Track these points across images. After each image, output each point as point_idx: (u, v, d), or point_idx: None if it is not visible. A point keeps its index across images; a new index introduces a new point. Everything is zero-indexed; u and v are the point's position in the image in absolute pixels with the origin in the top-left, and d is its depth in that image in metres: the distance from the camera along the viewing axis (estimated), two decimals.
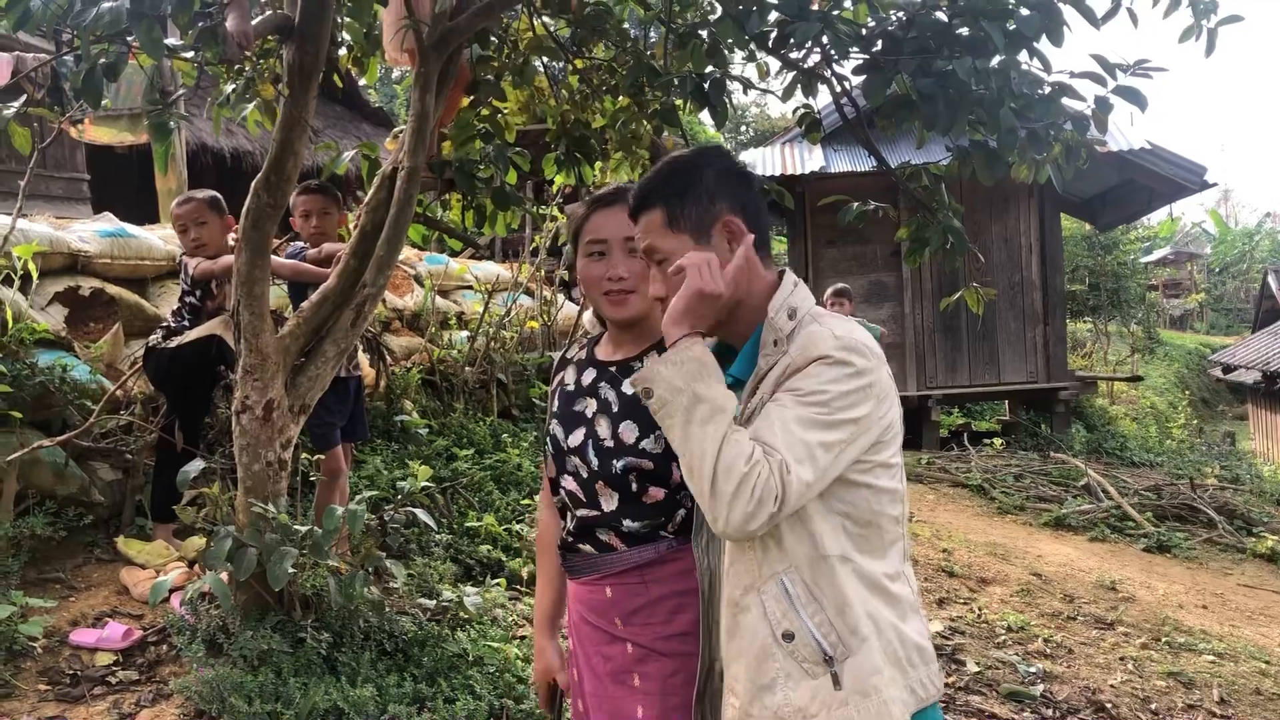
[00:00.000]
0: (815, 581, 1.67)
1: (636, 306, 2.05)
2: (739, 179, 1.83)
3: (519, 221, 4.76)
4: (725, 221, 1.77)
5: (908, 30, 3.29)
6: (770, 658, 1.69)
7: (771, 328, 1.73)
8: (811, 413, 1.61)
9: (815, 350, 1.64)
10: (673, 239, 1.77)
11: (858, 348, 1.66)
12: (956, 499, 9.52)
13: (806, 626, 1.66)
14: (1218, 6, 3.46)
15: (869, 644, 1.66)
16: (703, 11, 4.19)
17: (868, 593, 1.69)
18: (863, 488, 1.68)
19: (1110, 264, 20.37)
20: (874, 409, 1.66)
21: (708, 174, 1.80)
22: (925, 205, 3.88)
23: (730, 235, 1.77)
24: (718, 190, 1.79)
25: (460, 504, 5.47)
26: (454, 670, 3.72)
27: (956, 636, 5.34)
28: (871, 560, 1.70)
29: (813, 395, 1.62)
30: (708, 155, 1.85)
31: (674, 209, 1.77)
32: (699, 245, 1.76)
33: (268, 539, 3.38)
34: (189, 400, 4.40)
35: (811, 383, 1.63)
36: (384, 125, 14.50)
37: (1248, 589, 7.49)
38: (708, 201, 1.78)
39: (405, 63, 4.00)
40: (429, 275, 7.61)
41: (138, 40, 2.34)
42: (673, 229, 1.77)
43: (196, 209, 4.33)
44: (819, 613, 1.67)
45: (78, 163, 9.90)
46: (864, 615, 1.67)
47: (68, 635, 3.74)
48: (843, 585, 1.67)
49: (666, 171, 1.83)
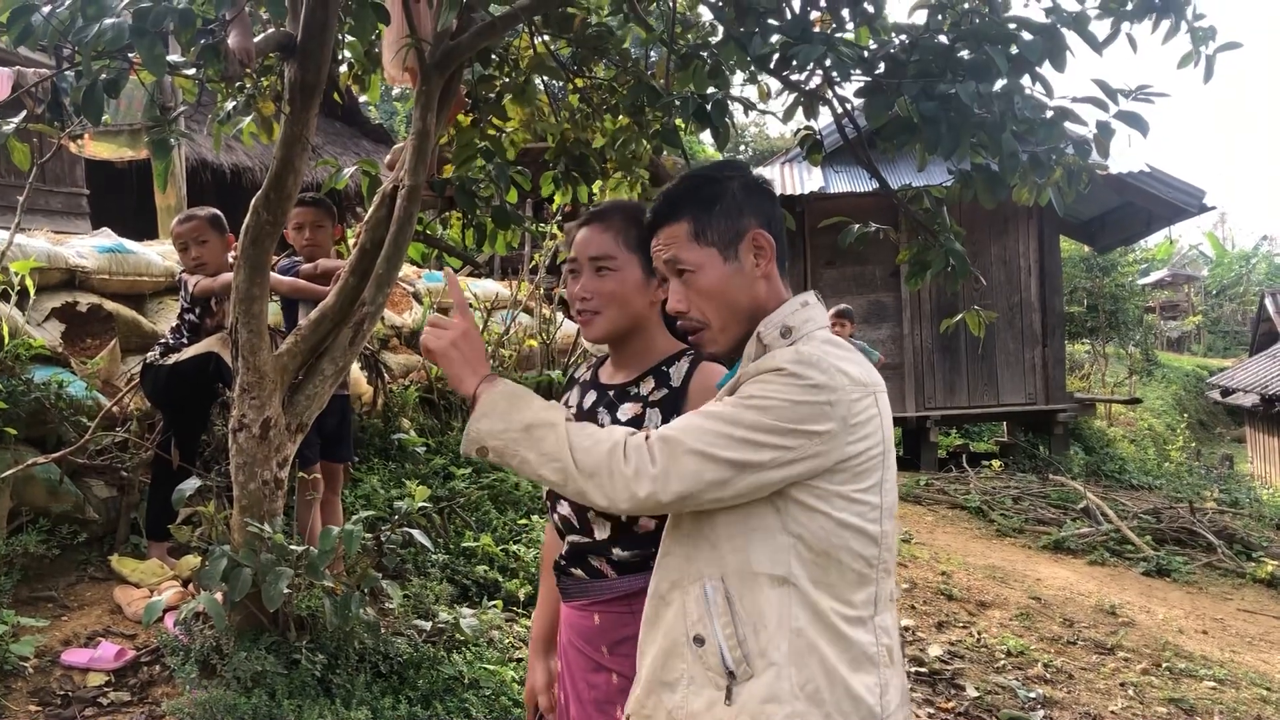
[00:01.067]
0: (740, 594, 1.61)
1: (601, 327, 2.03)
2: (764, 193, 1.79)
3: (518, 240, 4.75)
4: (754, 235, 1.73)
5: (910, 53, 3.29)
6: (679, 656, 1.66)
7: (756, 341, 1.69)
8: (739, 411, 1.58)
9: (769, 363, 1.61)
10: (699, 251, 1.72)
11: (820, 364, 1.58)
12: (955, 521, 9.49)
13: (717, 635, 1.61)
14: (1216, 33, 3.46)
15: (779, 671, 1.58)
16: (704, 33, 4.19)
17: (807, 624, 1.59)
18: (819, 514, 1.59)
19: (1108, 286, 20.39)
20: (835, 431, 1.57)
21: (735, 186, 1.75)
22: (927, 228, 3.87)
23: (757, 249, 1.73)
24: (745, 203, 1.74)
25: (457, 524, 5.44)
26: (450, 693, 3.69)
27: (956, 660, 5.30)
28: (826, 594, 1.60)
29: (751, 399, 1.58)
30: (732, 168, 1.80)
31: (701, 221, 1.73)
32: (725, 259, 1.72)
33: (263, 559, 3.34)
34: (186, 418, 4.38)
35: (755, 388, 1.59)
36: (384, 142, 14.54)
37: (1248, 614, 7.46)
38: (736, 214, 1.73)
39: (405, 81, 4.00)
40: (428, 293, 7.60)
41: (139, 56, 2.33)
42: (699, 241, 1.73)
43: (197, 227, 4.32)
44: (730, 625, 1.61)
45: (77, 178, 9.89)
46: (785, 642, 1.58)
47: (60, 655, 3.70)
48: (769, 606, 1.59)
49: (693, 183, 1.78)
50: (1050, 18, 3.16)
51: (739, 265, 1.72)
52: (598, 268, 2.01)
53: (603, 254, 2.01)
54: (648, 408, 1.99)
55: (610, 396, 2.07)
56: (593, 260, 2.02)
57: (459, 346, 1.75)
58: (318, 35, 3.38)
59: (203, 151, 10.77)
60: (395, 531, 4.30)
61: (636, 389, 2.03)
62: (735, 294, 1.72)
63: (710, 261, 1.72)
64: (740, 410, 1.58)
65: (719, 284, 1.72)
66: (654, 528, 1.95)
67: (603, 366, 2.17)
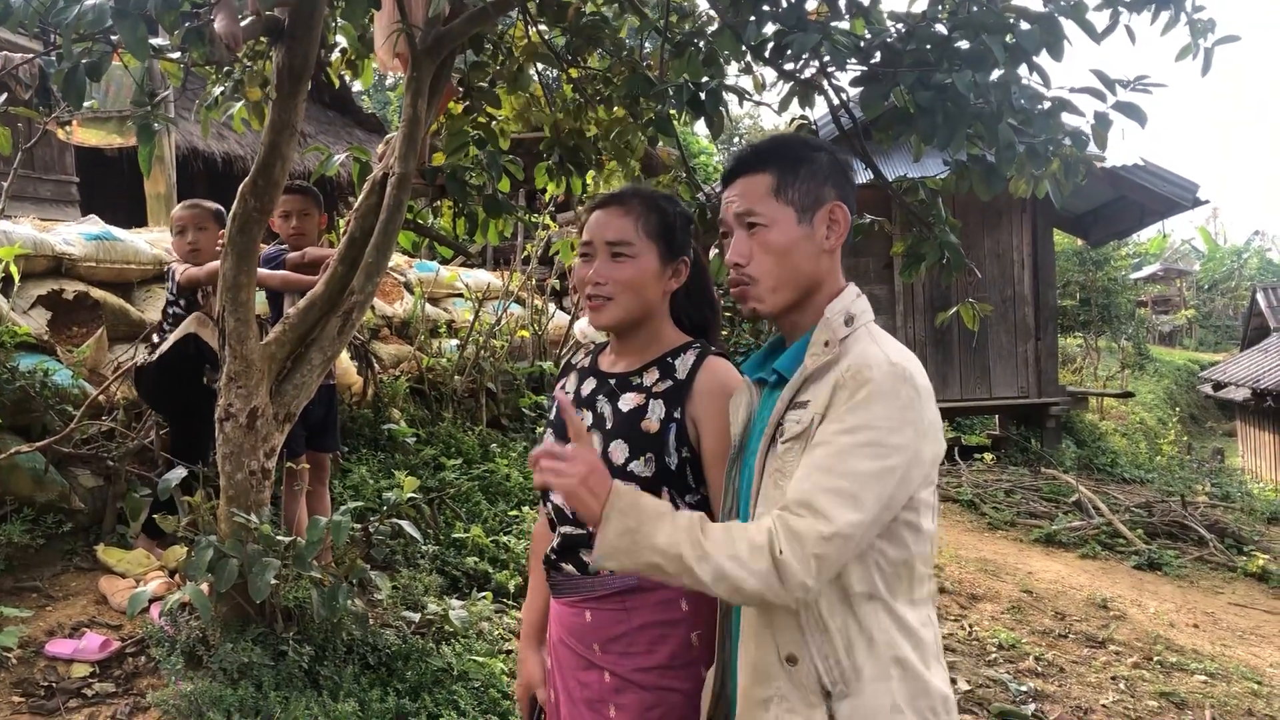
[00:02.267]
0: (831, 614, 1.59)
1: (613, 314, 1.98)
2: (847, 174, 1.77)
3: (511, 229, 4.71)
4: (833, 207, 1.71)
5: (907, 42, 3.26)
6: (771, 677, 1.63)
7: (826, 327, 1.65)
8: (852, 462, 1.52)
9: (867, 372, 1.56)
10: (776, 208, 1.69)
11: (911, 376, 1.58)
12: (947, 514, 9.48)
13: (810, 655, 1.59)
14: (1215, 26, 3.44)
15: (878, 687, 1.58)
16: (700, 22, 4.15)
17: (895, 634, 1.60)
18: (900, 524, 1.60)
19: (1101, 280, 20.38)
20: (925, 442, 1.57)
21: (823, 157, 1.73)
22: (922, 220, 3.84)
23: (833, 221, 1.71)
24: (831, 175, 1.72)
25: (447, 515, 5.40)
26: (438, 685, 3.66)
27: (947, 653, 5.27)
28: (902, 602, 1.62)
29: (858, 434, 1.53)
30: (825, 143, 1.79)
31: (786, 178, 1.70)
32: (800, 221, 1.69)
33: (250, 549, 3.31)
34: (185, 411, 4.30)
35: (858, 417, 1.54)
36: (376, 131, 14.44)
37: (1239, 608, 7.46)
38: (821, 182, 1.71)
39: (395, 68, 3.95)
40: (419, 282, 7.55)
41: (122, 39, 2.29)
42: (778, 197, 1.69)
43: (201, 214, 4.29)
44: (826, 644, 1.59)
45: (67, 165, 9.82)
46: (880, 657, 1.59)
47: (44, 646, 3.66)
48: (860, 622, 1.59)
49: (784, 142, 1.76)
50: (1048, 7, 3.13)
51: (811, 232, 1.70)
52: (614, 253, 1.96)
53: (621, 239, 1.96)
54: (651, 399, 1.96)
55: (611, 385, 2.03)
56: (609, 245, 1.97)
57: (589, 484, 1.62)
58: (306, 19, 3.34)
59: (193, 140, 10.71)
60: (384, 522, 4.27)
61: (640, 379, 1.99)
62: (800, 259, 1.70)
63: (785, 220, 1.69)
64: (853, 460, 1.52)
65: (788, 244, 1.69)
66: None
67: (603, 353, 2.13)
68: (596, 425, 2.00)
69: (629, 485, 1.66)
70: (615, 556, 1.59)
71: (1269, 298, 23.97)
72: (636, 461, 1.92)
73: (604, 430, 1.98)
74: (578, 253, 2.05)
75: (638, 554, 1.57)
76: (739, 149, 1.79)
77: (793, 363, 1.69)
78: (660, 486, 1.91)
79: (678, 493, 1.93)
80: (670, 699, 1.89)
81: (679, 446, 1.92)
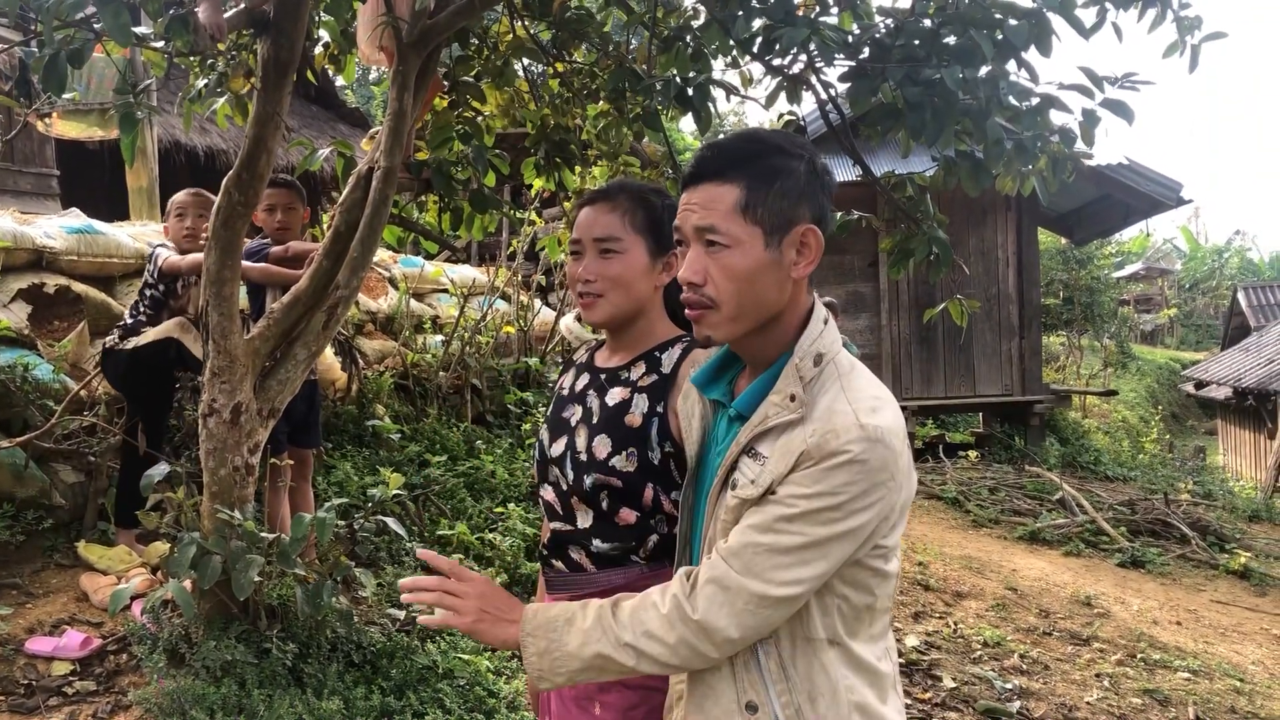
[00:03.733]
0: (794, 661, 1.50)
1: (603, 311, 1.96)
2: (827, 186, 1.54)
3: (496, 225, 4.69)
4: (806, 230, 1.50)
5: (895, 37, 3.25)
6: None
7: (793, 378, 1.48)
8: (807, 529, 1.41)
9: (835, 443, 1.40)
10: (742, 227, 1.47)
11: (886, 439, 1.42)
12: (932, 511, 9.51)
13: (772, 704, 1.50)
14: (1201, 23, 3.44)
15: None
16: (687, 16, 4.13)
17: (855, 678, 1.51)
18: (862, 569, 1.48)
19: (1084, 278, 20.50)
20: (892, 495, 1.44)
21: (802, 167, 1.50)
22: (910, 216, 3.84)
23: (803, 246, 1.50)
24: (809, 190, 1.50)
25: (432, 512, 5.38)
26: (423, 683, 3.64)
27: (933, 651, 5.29)
28: (862, 643, 1.53)
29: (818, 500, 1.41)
30: (805, 145, 1.54)
31: (756, 193, 1.47)
32: (768, 245, 1.48)
33: (233, 546, 3.28)
34: (150, 403, 4.30)
35: (822, 486, 1.41)
36: (361, 126, 14.37)
37: (1221, 605, 7.50)
38: (795, 200, 1.48)
39: (380, 61, 3.92)
40: (404, 278, 7.51)
41: (105, 26, 2.25)
42: (746, 215, 1.47)
43: (204, 200, 4.29)
44: (787, 693, 1.50)
45: (47, 158, 9.72)
46: (841, 703, 1.50)
47: (23, 643, 3.63)
48: (822, 671, 1.50)
49: (756, 147, 1.51)
50: (1037, 2, 3.13)
51: (779, 257, 1.49)
52: (602, 249, 1.94)
53: (608, 235, 1.94)
54: (635, 393, 1.94)
55: (601, 380, 2.02)
56: (597, 241, 1.95)
57: (492, 608, 1.60)
58: (292, 11, 3.31)
59: (176, 133, 10.62)
60: (369, 519, 4.25)
61: (627, 373, 1.98)
62: (763, 287, 1.50)
63: (751, 242, 1.48)
64: (808, 524, 1.41)
65: (751, 270, 1.48)
66: (634, 521, 1.90)
67: (600, 349, 2.12)
68: (584, 420, 1.98)
69: (536, 605, 1.62)
70: (545, 679, 1.55)
71: (1250, 297, 24.14)
72: (619, 456, 1.90)
73: (590, 425, 1.97)
74: (568, 250, 2.03)
75: (560, 669, 1.53)
76: (704, 146, 1.55)
77: (753, 402, 1.53)
78: (644, 483, 1.89)
79: (663, 489, 1.91)
80: (653, 699, 1.88)
81: (661, 441, 1.91)
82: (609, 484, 1.90)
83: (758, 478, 1.47)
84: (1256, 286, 25.32)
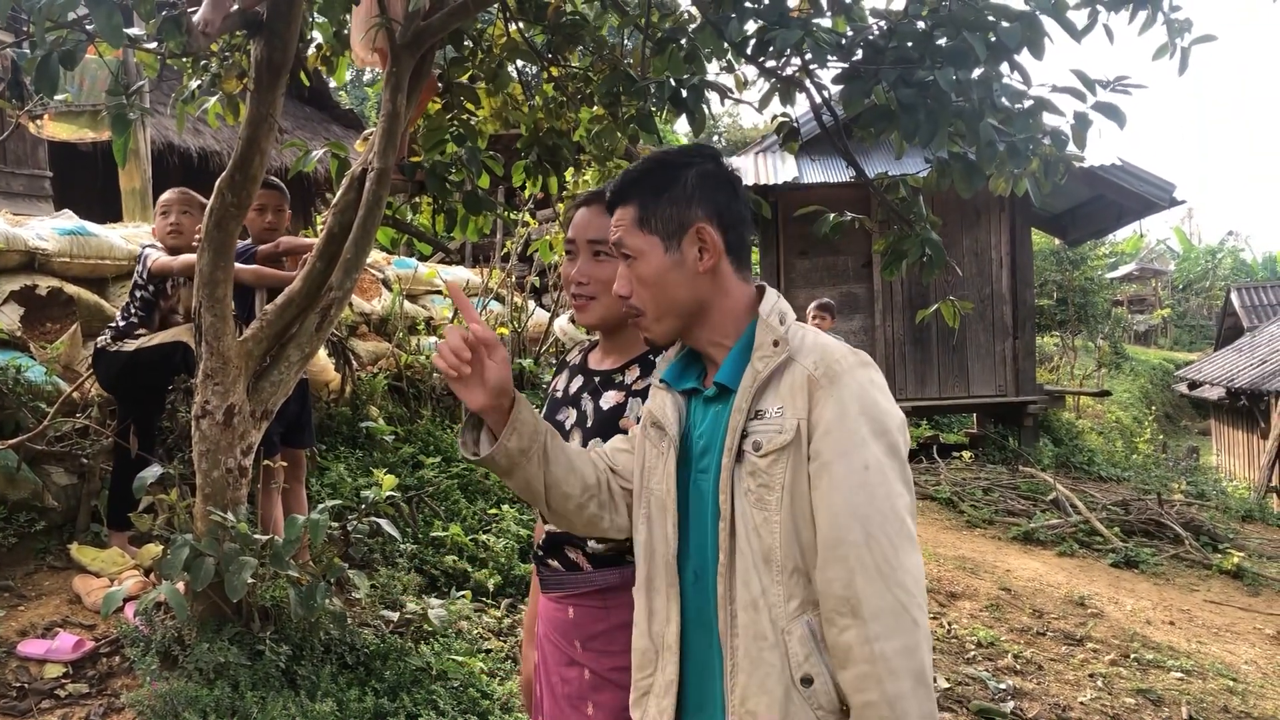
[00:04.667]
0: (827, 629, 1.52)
1: (596, 313, 1.97)
2: (724, 183, 1.69)
3: (490, 226, 4.68)
4: (698, 229, 1.64)
5: (888, 39, 3.25)
6: (789, 700, 1.54)
7: (767, 328, 1.61)
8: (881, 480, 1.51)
9: (837, 364, 1.56)
10: (642, 239, 1.66)
11: (867, 359, 1.61)
12: (926, 512, 9.51)
13: (827, 674, 1.52)
14: (1192, 25, 3.45)
15: None
16: (681, 19, 4.13)
17: None
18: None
19: (1078, 279, 20.52)
20: (900, 419, 1.59)
21: (689, 175, 1.67)
22: (903, 217, 3.84)
23: (702, 244, 1.65)
24: (698, 193, 1.66)
25: (426, 513, 5.37)
26: (417, 685, 3.63)
27: None
28: None
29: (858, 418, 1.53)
30: (694, 154, 1.71)
31: (648, 208, 1.66)
32: (667, 249, 1.65)
33: (226, 548, 3.28)
34: (144, 405, 4.28)
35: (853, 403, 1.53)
36: (354, 127, 14.35)
37: (1214, 605, 7.52)
38: (684, 205, 1.65)
39: (373, 63, 3.92)
40: (397, 279, 7.50)
41: (97, 27, 2.25)
42: (643, 228, 1.66)
43: (189, 198, 4.31)
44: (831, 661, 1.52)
45: (39, 159, 9.70)
46: None
47: (16, 646, 3.62)
48: None
49: (648, 166, 1.71)
50: (1029, 5, 3.13)
51: (680, 258, 1.65)
52: (595, 251, 1.95)
53: (602, 238, 1.94)
54: (630, 396, 1.94)
55: (595, 382, 2.02)
56: (591, 244, 1.96)
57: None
58: (285, 12, 3.30)
59: (169, 135, 10.60)
60: (362, 521, 4.24)
61: (621, 377, 1.98)
62: (673, 287, 1.66)
63: (651, 250, 1.66)
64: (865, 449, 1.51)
65: (657, 274, 1.65)
66: None
67: (593, 351, 2.12)
68: (579, 423, 1.99)
69: None
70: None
71: (1243, 298, 24.22)
72: None
73: (584, 428, 1.97)
74: (563, 251, 2.04)
75: None
76: (618, 178, 1.74)
77: (735, 371, 1.63)
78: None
79: None
80: None
81: None
82: None
83: (783, 427, 1.55)
84: (1250, 287, 25.41)
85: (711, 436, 1.64)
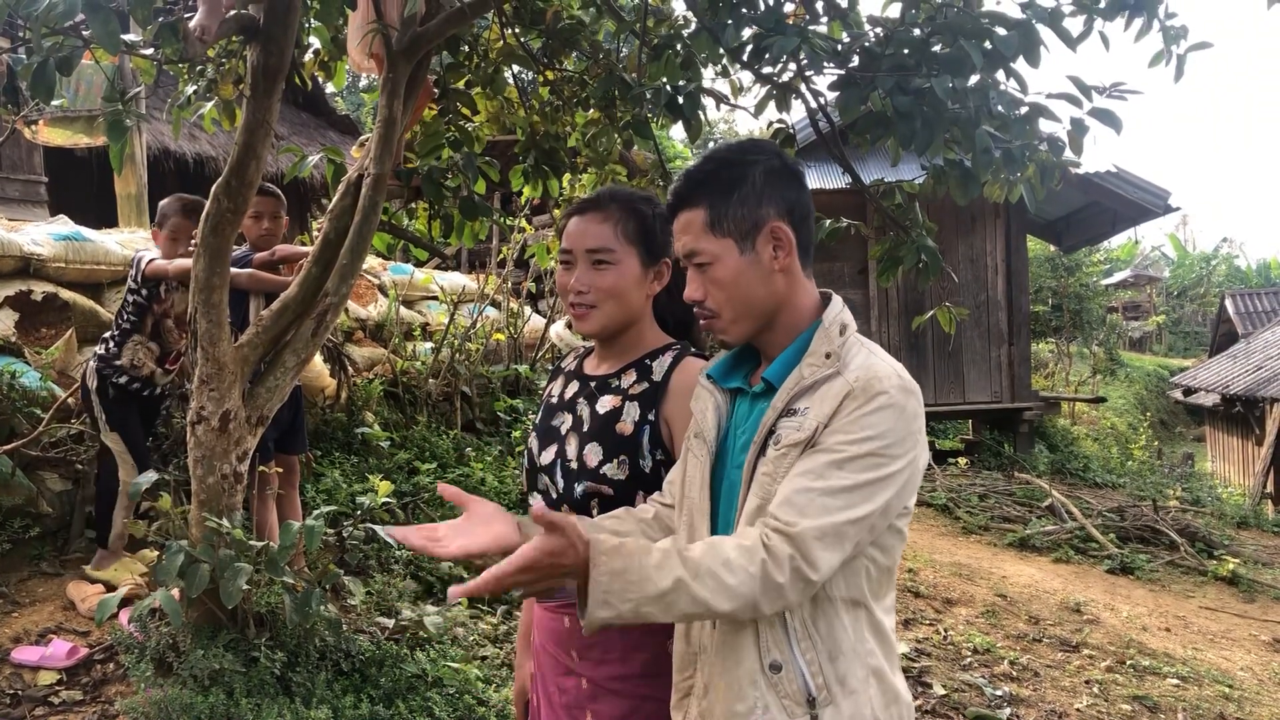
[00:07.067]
0: (815, 619, 1.56)
1: (597, 322, 1.95)
2: (791, 179, 1.68)
3: (486, 232, 4.68)
4: (772, 227, 1.63)
5: (885, 46, 3.26)
6: (753, 685, 1.58)
7: (826, 337, 1.62)
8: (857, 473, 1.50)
9: (879, 385, 1.53)
10: (715, 243, 1.63)
11: (914, 389, 1.57)
12: (921, 518, 9.51)
13: (797, 662, 1.56)
14: (1187, 33, 3.46)
15: (857, 698, 1.56)
16: (677, 25, 4.14)
17: (873, 642, 1.59)
18: (893, 531, 1.59)
19: (1073, 285, 20.57)
20: (917, 452, 1.56)
21: (756, 172, 1.65)
22: (899, 223, 3.85)
23: (776, 242, 1.64)
24: (768, 190, 1.64)
25: (421, 519, 5.36)
26: (412, 691, 3.63)
27: (923, 658, 5.29)
28: (880, 608, 1.61)
29: (866, 441, 1.51)
30: (757, 150, 1.69)
31: (718, 209, 1.63)
32: (742, 251, 1.63)
33: (221, 554, 3.27)
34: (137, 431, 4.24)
35: (867, 423, 1.51)
36: (350, 133, 14.36)
37: (1210, 612, 7.52)
38: (755, 203, 1.63)
39: (369, 68, 3.92)
40: (393, 285, 7.50)
41: (93, 34, 2.25)
42: (715, 231, 1.63)
43: (196, 204, 4.27)
44: (811, 650, 1.56)
45: (35, 165, 9.70)
46: (860, 666, 1.57)
47: (9, 653, 3.61)
48: (843, 631, 1.57)
49: (712, 165, 1.67)
50: (1026, 13, 3.14)
51: (756, 257, 1.64)
52: (595, 260, 1.93)
53: (601, 246, 1.93)
54: (627, 401, 1.94)
55: (591, 388, 2.01)
56: (590, 253, 1.94)
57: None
58: (282, 18, 3.30)
59: (165, 140, 10.60)
60: (358, 527, 4.23)
61: (617, 381, 1.97)
62: (751, 287, 1.64)
63: (726, 252, 1.63)
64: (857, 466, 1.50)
65: (734, 276, 1.64)
66: None
67: (589, 357, 2.11)
68: (574, 428, 1.98)
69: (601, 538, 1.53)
70: (611, 603, 1.43)
71: (1237, 304, 24.27)
72: (610, 464, 1.90)
73: (580, 433, 1.96)
74: (558, 260, 2.02)
75: (632, 592, 1.43)
76: (679, 175, 1.70)
77: (783, 371, 1.64)
78: (635, 490, 1.89)
79: None
80: (645, 708, 1.87)
81: (653, 449, 1.90)
82: (600, 492, 1.90)
83: (802, 425, 1.56)
84: (1244, 294, 25.45)
85: (753, 433, 1.65)
